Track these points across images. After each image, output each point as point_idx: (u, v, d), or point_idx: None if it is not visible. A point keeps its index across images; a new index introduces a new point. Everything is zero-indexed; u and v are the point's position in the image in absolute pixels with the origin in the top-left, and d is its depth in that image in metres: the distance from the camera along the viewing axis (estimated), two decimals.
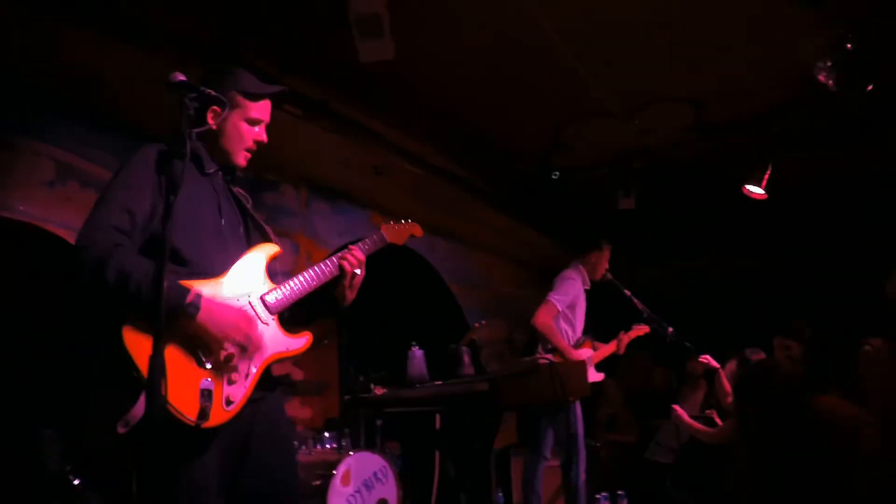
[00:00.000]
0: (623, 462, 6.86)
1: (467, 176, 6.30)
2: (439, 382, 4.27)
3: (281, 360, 2.23)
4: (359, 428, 4.98)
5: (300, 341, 2.29)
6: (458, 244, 7.42)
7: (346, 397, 4.72)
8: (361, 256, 2.47)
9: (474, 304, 7.44)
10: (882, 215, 6.79)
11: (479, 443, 6.17)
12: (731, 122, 5.61)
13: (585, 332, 5.13)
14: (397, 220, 2.77)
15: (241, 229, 2.33)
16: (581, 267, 5.10)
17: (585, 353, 4.97)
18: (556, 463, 5.35)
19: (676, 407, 4.76)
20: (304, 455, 4.66)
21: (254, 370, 2.15)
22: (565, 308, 4.88)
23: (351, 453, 4.56)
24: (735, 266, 8.30)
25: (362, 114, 5.09)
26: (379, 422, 5.02)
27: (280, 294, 2.27)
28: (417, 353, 4.55)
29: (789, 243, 7.80)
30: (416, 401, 4.07)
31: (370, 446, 4.91)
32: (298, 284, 2.31)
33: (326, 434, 4.96)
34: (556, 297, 4.85)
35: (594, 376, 5.02)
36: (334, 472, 4.31)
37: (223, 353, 2.08)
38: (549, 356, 4.25)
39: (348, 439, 4.93)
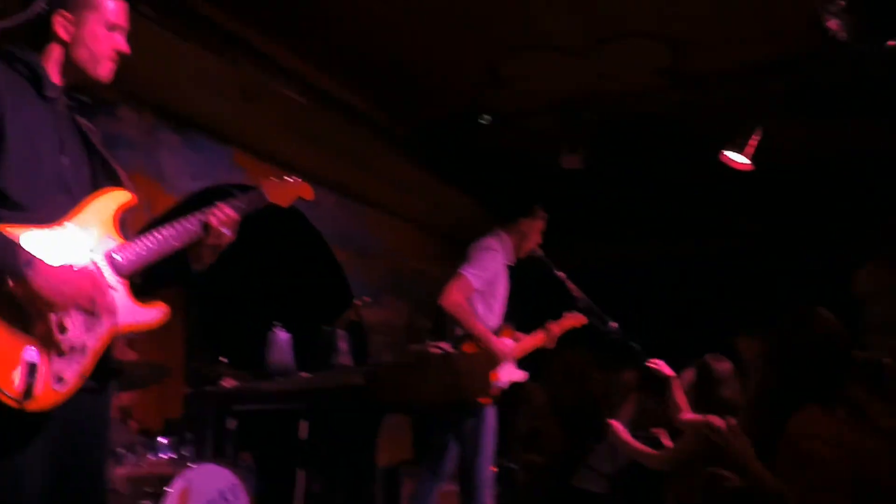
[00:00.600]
0: (545, 489, 7.21)
1: (368, 111, 6.45)
2: (307, 375, 4.44)
3: (128, 335, 2.40)
4: (204, 432, 5.09)
5: (152, 313, 2.44)
6: (349, 200, 7.53)
7: (187, 391, 4.82)
8: (234, 216, 2.60)
9: (366, 278, 7.60)
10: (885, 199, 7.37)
11: (360, 456, 6.38)
12: (716, 72, 5.97)
13: (507, 318, 5.41)
14: (280, 177, 2.90)
15: (87, 170, 2.46)
16: (506, 236, 5.33)
17: (505, 343, 5.25)
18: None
19: (614, 423, 5.07)
20: (131, 466, 4.71)
21: (93, 343, 2.29)
22: (482, 285, 5.11)
23: (192, 466, 4.62)
24: (701, 253, 8.82)
25: (232, 19, 5.16)
26: (232, 425, 5.15)
27: (132, 253, 2.41)
28: (282, 336, 4.68)
29: (767, 228, 8.37)
30: (273, 397, 4.22)
31: (219, 457, 5.02)
32: (155, 243, 2.45)
33: (162, 439, 5.01)
34: (471, 271, 5.05)
35: (514, 374, 5.28)
36: (169, 489, 4.39)
37: (60, 322, 2.21)
38: (445, 345, 4.46)
39: (191, 447, 5.01)
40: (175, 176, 5.80)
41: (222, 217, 2.56)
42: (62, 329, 2.22)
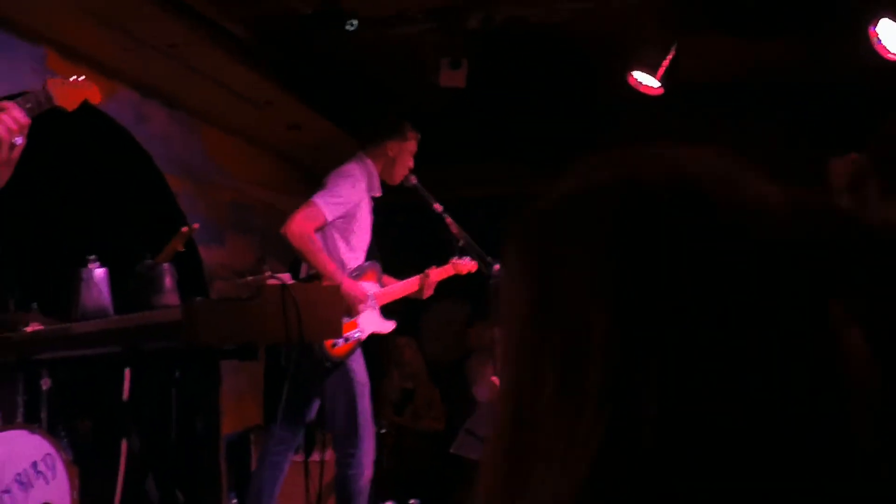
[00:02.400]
0: (419, 457, 7.31)
1: (204, 8, 6.31)
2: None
3: None
4: (14, 392, 4.93)
5: None
6: (184, 116, 7.41)
7: None
8: (22, 118, 2.63)
9: (203, 210, 7.50)
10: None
11: (198, 417, 6.31)
12: None
13: (371, 257, 5.39)
14: (67, 78, 2.96)
15: None
16: (370, 162, 5.32)
17: (368, 287, 5.22)
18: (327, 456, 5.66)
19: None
20: None
21: None
22: (338, 217, 5.11)
23: None
24: None
25: None
26: (45, 383, 5.01)
27: None
28: (98, 272, 4.58)
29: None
30: (83, 340, 4.15)
31: (30, 422, 4.86)
32: None
33: None
34: (324, 198, 5.05)
35: (378, 324, 5.31)
36: None
37: None
38: (285, 276, 4.43)
39: None
40: None
41: (9, 121, 2.59)
42: None
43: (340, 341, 5.00)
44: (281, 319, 3.63)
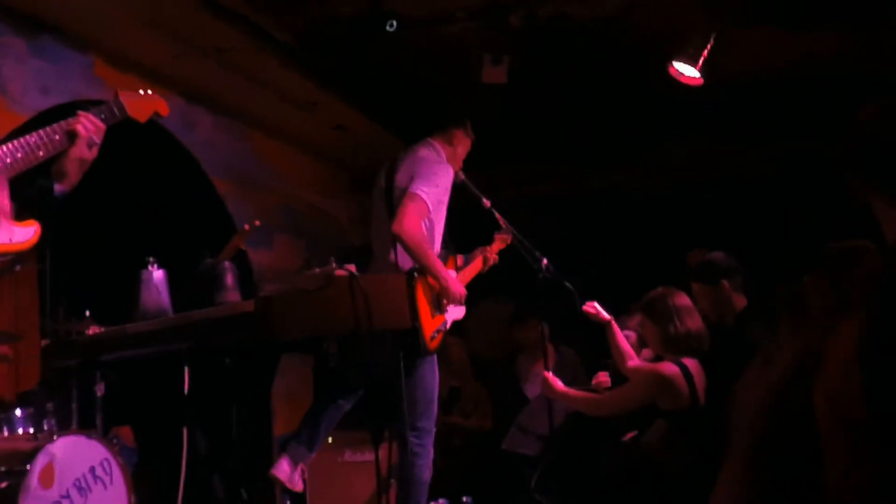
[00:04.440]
0: (470, 455, 7.30)
1: (250, 12, 6.30)
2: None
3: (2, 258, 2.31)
4: (68, 399, 4.97)
5: (26, 232, 2.40)
6: (231, 121, 7.45)
7: (45, 342, 4.75)
8: (99, 122, 2.68)
9: (252, 213, 7.40)
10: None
11: (253, 413, 6.32)
12: None
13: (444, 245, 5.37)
14: (136, 90, 3.00)
15: None
16: (440, 146, 5.26)
17: (457, 281, 5.17)
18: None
19: (549, 374, 5.16)
20: None
21: None
22: (433, 206, 4.99)
23: (56, 438, 4.55)
24: (646, 184, 8.90)
25: None
26: (100, 389, 5.04)
27: None
28: (157, 274, 4.63)
29: (727, 152, 8.46)
30: (146, 339, 4.18)
31: (86, 427, 4.92)
32: (20, 149, 2.43)
33: (19, 412, 4.90)
34: (425, 188, 4.90)
35: (458, 312, 5.25)
36: (29, 467, 4.34)
37: None
38: (351, 266, 4.40)
39: (52, 419, 4.87)
40: (20, 89, 5.59)
41: (89, 125, 2.64)
42: None
43: (435, 334, 4.97)
44: (350, 309, 3.63)
